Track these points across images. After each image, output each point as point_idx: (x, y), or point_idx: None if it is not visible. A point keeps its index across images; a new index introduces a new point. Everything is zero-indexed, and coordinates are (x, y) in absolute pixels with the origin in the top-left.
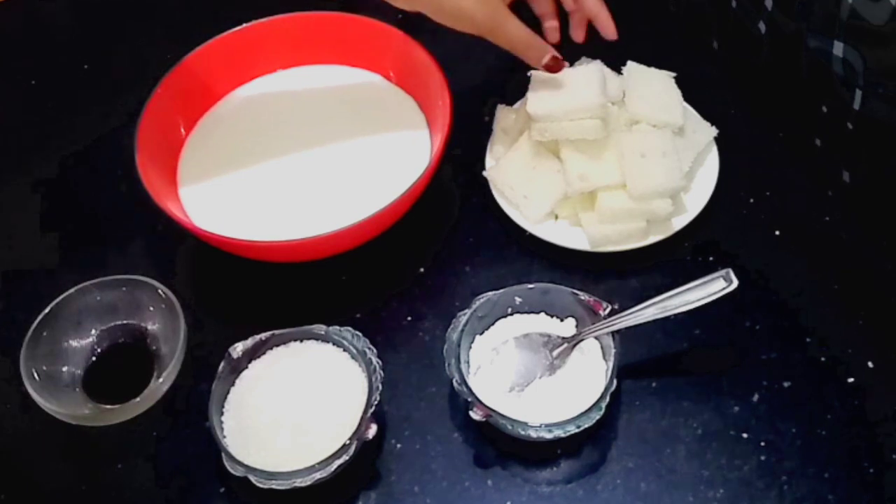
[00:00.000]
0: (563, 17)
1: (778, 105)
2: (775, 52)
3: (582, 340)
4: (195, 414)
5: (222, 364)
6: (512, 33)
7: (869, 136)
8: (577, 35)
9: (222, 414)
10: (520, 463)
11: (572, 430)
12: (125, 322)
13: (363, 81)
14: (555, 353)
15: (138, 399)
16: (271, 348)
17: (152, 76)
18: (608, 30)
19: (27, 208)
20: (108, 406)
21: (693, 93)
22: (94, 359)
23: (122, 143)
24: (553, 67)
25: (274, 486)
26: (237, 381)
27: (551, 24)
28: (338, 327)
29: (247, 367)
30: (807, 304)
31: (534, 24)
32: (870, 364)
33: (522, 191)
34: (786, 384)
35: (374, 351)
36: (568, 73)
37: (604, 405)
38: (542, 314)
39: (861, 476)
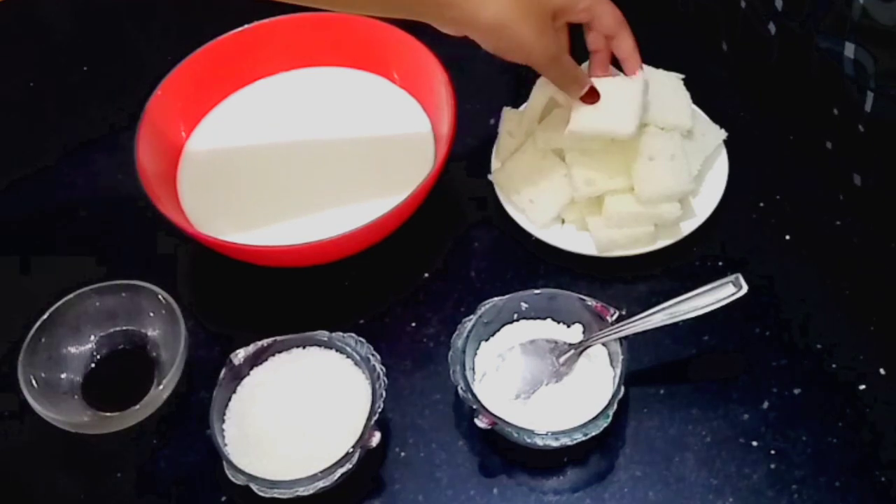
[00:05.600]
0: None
1: (788, 107)
2: (785, 54)
3: (589, 347)
4: (196, 421)
5: (223, 371)
6: (564, 68)
7: (881, 139)
8: (598, 71)
9: (223, 421)
10: (526, 471)
11: (579, 437)
12: (125, 328)
13: (367, 83)
14: (561, 359)
15: (138, 406)
16: (273, 355)
17: (152, 77)
18: (633, 71)
19: (25, 211)
20: (108, 413)
21: (702, 95)
22: (93, 365)
23: (123, 145)
24: (588, 100)
25: (276, 495)
26: (239, 389)
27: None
28: (341, 333)
29: (248, 374)
30: (817, 310)
31: None
32: (881, 371)
33: (528, 195)
34: (796, 391)
35: (378, 357)
36: (610, 90)
37: (611, 412)
38: (549, 320)
39: (872, 484)
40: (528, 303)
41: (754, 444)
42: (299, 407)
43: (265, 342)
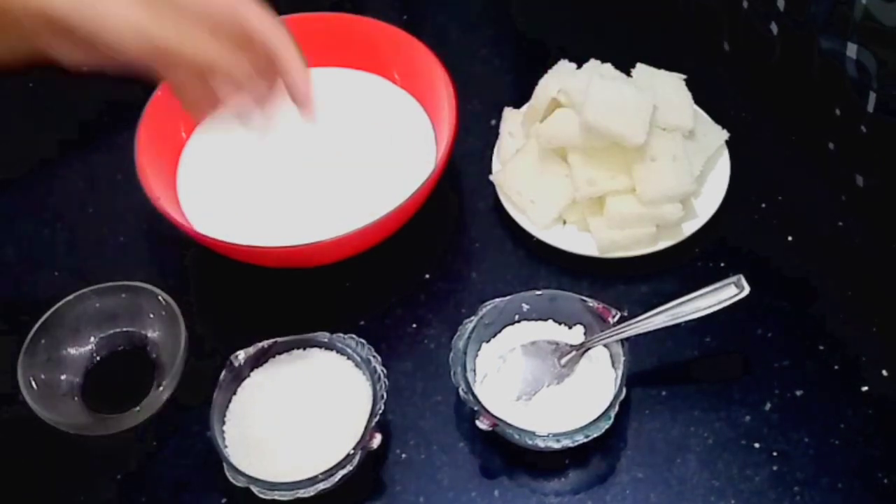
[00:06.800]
0: (567, 20)
1: (790, 108)
2: (787, 54)
3: (590, 348)
4: (196, 423)
5: (224, 372)
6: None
7: (883, 140)
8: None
9: (224, 423)
10: (527, 473)
11: (581, 439)
12: (125, 329)
13: (367, 84)
14: (563, 360)
15: (138, 408)
16: (274, 356)
17: (152, 78)
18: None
19: (25, 212)
20: (108, 415)
21: (704, 95)
22: (93, 367)
23: (122, 145)
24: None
25: (276, 497)
26: (239, 390)
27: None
28: (342, 335)
29: (249, 376)
30: (819, 311)
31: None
32: (884, 372)
33: (529, 195)
34: (798, 393)
35: (379, 359)
36: (624, 92)
37: (613, 414)
38: (550, 321)
39: (875, 486)
40: (530, 304)
41: (756, 445)
42: (300, 408)
43: (266, 343)
